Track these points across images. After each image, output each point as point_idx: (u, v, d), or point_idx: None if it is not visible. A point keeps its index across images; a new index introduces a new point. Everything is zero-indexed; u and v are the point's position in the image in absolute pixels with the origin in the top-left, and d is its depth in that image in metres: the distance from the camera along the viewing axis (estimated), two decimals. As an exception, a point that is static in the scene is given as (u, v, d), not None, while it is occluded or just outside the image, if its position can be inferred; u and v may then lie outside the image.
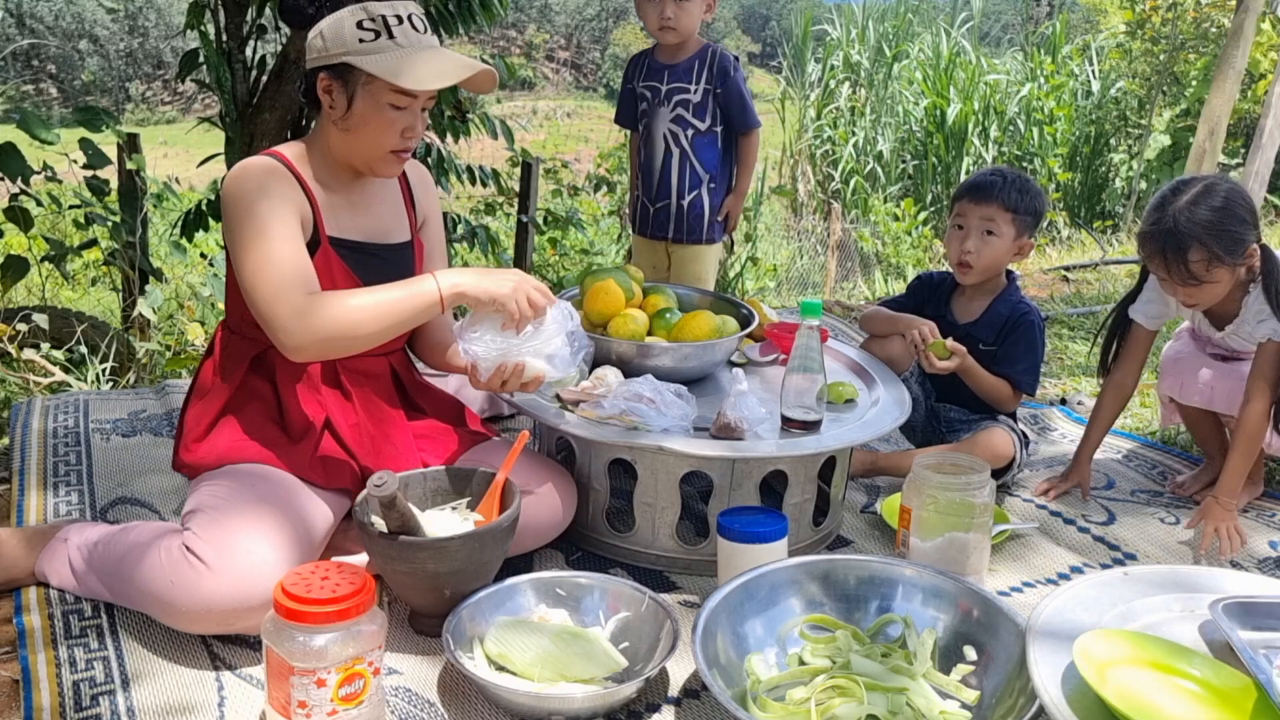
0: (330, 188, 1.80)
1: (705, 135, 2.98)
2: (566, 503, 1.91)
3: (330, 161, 1.79)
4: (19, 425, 2.41)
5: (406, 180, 1.96)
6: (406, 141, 1.75)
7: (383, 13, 1.68)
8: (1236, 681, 1.44)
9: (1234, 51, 6.58)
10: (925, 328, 2.24)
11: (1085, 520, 2.25)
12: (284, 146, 1.81)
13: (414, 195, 1.96)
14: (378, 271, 1.81)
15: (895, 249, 8.57)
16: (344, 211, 1.81)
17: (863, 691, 1.45)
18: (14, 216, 3.37)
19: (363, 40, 1.67)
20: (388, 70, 1.66)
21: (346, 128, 1.74)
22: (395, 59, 1.67)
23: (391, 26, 1.68)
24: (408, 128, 1.73)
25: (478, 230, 4.51)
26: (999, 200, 2.28)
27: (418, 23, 1.72)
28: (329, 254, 1.77)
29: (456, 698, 1.53)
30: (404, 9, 1.70)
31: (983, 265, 2.31)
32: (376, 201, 1.87)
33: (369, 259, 1.82)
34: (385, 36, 1.68)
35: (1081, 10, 15.08)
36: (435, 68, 1.69)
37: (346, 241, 1.80)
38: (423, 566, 1.57)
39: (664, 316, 2.20)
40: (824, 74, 12.69)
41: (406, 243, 1.92)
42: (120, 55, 24.75)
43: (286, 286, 1.62)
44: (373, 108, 1.70)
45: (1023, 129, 11.23)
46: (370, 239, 1.85)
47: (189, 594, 1.52)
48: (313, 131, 1.82)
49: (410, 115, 1.73)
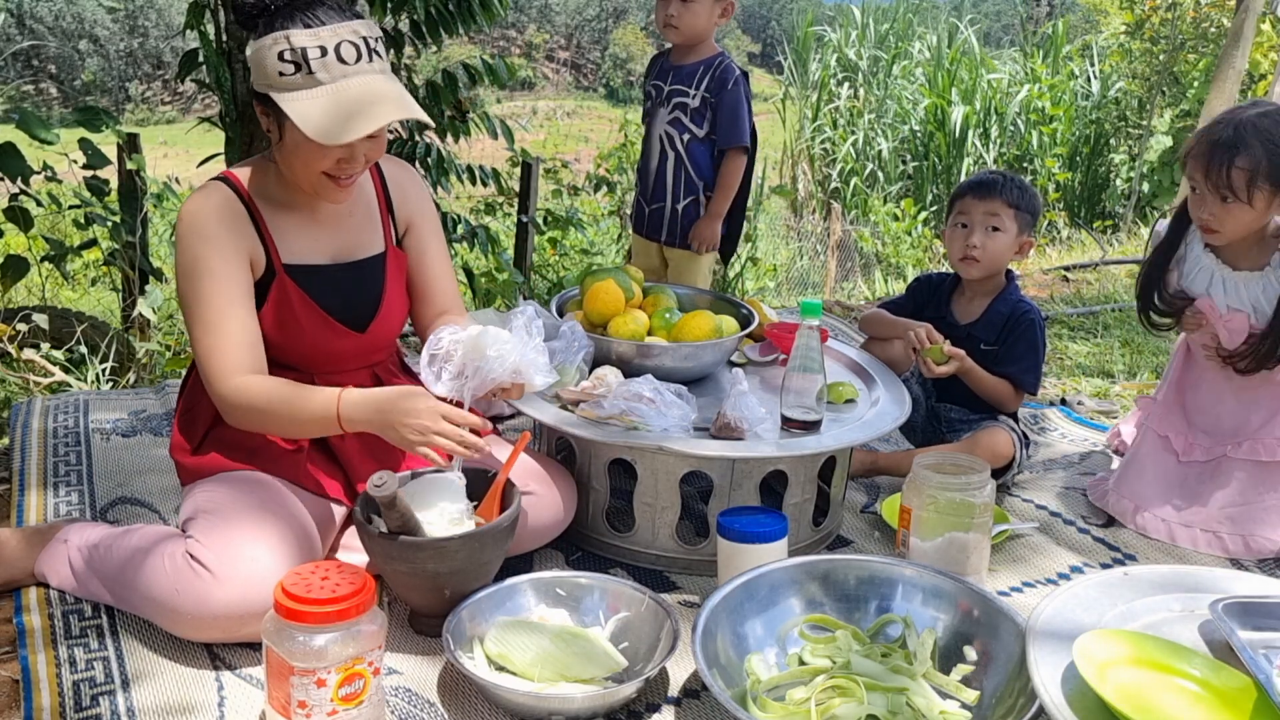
0: (288, 206, 1.74)
1: (702, 142, 2.95)
2: (567, 503, 1.90)
3: (286, 179, 1.72)
4: (19, 425, 2.41)
5: (383, 186, 1.87)
6: (342, 169, 1.65)
7: (303, 44, 1.55)
8: (1236, 681, 1.44)
9: (1234, 51, 6.57)
10: (923, 330, 2.24)
11: (1085, 520, 2.24)
12: (242, 167, 1.75)
13: (391, 202, 1.87)
14: (340, 293, 1.77)
15: (895, 249, 8.57)
16: (303, 232, 1.75)
17: (863, 691, 1.45)
18: (14, 216, 3.37)
19: (282, 74, 1.57)
20: (300, 116, 1.55)
21: (281, 155, 1.68)
22: (311, 100, 1.56)
23: (311, 61, 1.55)
24: (342, 159, 1.63)
25: (478, 230, 4.51)
26: (1002, 196, 2.29)
27: (347, 52, 1.57)
28: (284, 283, 1.72)
29: (456, 698, 1.52)
30: (331, 37, 1.57)
31: (988, 260, 2.31)
32: (344, 214, 1.80)
33: (332, 281, 1.77)
34: (304, 72, 1.56)
35: (1081, 10, 15.07)
36: (356, 114, 1.56)
37: (303, 267, 1.74)
38: (423, 566, 1.57)
39: (664, 316, 2.20)
40: (823, 74, 12.69)
41: (377, 255, 1.84)
42: (120, 55, 24.75)
43: (221, 365, 1.63)
44: (301, 141, 1.60)
45: (1023, 129, 11.23)
46: (333, 259, 1.78)
47: (194, 602, 1.52)
48: (273, 147, 1.72)
49: (344, 148, 1.61)
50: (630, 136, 6.85)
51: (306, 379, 1.76)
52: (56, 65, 24.17)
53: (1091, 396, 3.30)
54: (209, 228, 1.65)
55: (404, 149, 4.08)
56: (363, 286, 1.82)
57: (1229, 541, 2.10)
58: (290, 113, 1.57)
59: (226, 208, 1.68)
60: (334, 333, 1.77)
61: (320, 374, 1.79)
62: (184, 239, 1.66)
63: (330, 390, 1.63)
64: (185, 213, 1.67)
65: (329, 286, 1.77)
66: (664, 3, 2.87)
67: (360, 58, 1.59)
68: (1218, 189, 1.97)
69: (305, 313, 1.74)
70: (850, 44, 12.84)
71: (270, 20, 1.59)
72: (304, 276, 1.74)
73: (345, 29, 1.58)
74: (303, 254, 1.75)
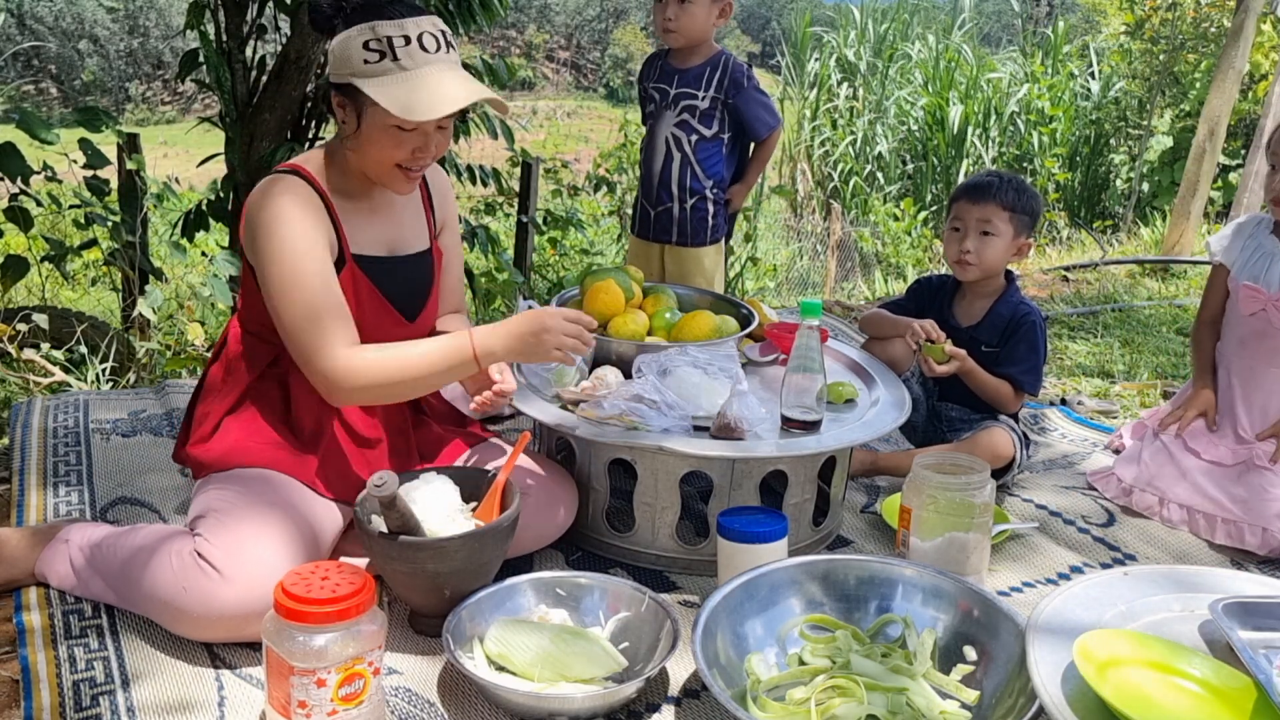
0: (352, 196, 1.80)
1: (710, 141, 2.97)
2: (568, 505, 1.91)
3: (350, 171, 1.79)
4: (19, 425, 2.41)
5: (426, 186, 1.96)
6: (416, 160, 1.73)
7: (389, 33, 1.64)
8: (1236, 681, 1.44)
9: (1234, 51, 6.57)
10: (927, 323, 2.25)
11: (1085, 520, 2.25)
12: (305, 158, 1.80)
13: (433, 201, 1.96)
14: (401, 283, 1.84)
15: (895, 249, 8.57)
16: (366, 223, 1.81)
17: (863, 691, 1.45)
18: (14, 216, 3.37)
19: (367, 62, 1.64)
20: (386, 97, 1.62)
21: (356, 145, 1.73)
22: (396, 84, 1.63)
23: (396, 48, 1.64)
24: (418, 148, 1.71)
25: (478, 230, 4.51)
26: (996, 200, 2.29)
27: (429, 41, 1.66)
28: (355, 273, 1.77)
29: (456, 698, 1.52)
30: (414, 27, 1.65)
31: (983, 264, 2.32)
32: (398, 208, 1.87)
33: (392, 272, 1.83)
34: (389, 59, 1.64)
35: (1081, 10, 15.07)
36: (436, 95, 1.64)
37: (370, 258, 1.81)
38: (423, 566, 1.57)
39: (664, 316, 2.20)
40: (822, 73, 12.69)
41: (426, 250, 1.92)
42: (120, 55, 24.75)
43: (330, 341, 1.65)
44: (380, 129, 1.68)
45: (1022, 129, 11.23)
46: (393, 251, 1.85)
47: (201, 601, 1.52)
48: (335, 139, 1.80)
49: (419, 136, 1.69)
50: (630, 136, 6.84)
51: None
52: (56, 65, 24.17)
53: (1091, 396, 3.30)
54: (298, 213, 1.69)
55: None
56: (416, 278, 1.89)
57: (1248, 534, 2.12)
58: (376, 96, 1.63)
59: (307, 197, 1.72)
60: (391, 320, 1.84)
61: None
62: (271, 226, 1.67)
63: (457, 334, 1.71)
64: (269, 203, 1.69)
65: (388, 277, 1.83)
66: (661, 6, 2.87)
67: (439, 48, 1.68)
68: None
69: (370, 300, 1.80)
70: (849, 44, 12.84)
71: (349, 17, 1.67)
72: (370, 266, 1.80)
73: (426, 21, 1.68)
74: (367, 245, 1.81)
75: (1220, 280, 2.39)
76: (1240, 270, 2.30)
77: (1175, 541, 2.17)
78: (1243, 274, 2.29)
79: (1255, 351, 2.29)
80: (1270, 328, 2.24)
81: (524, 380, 2.05)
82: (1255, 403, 2.27)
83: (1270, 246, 2.27)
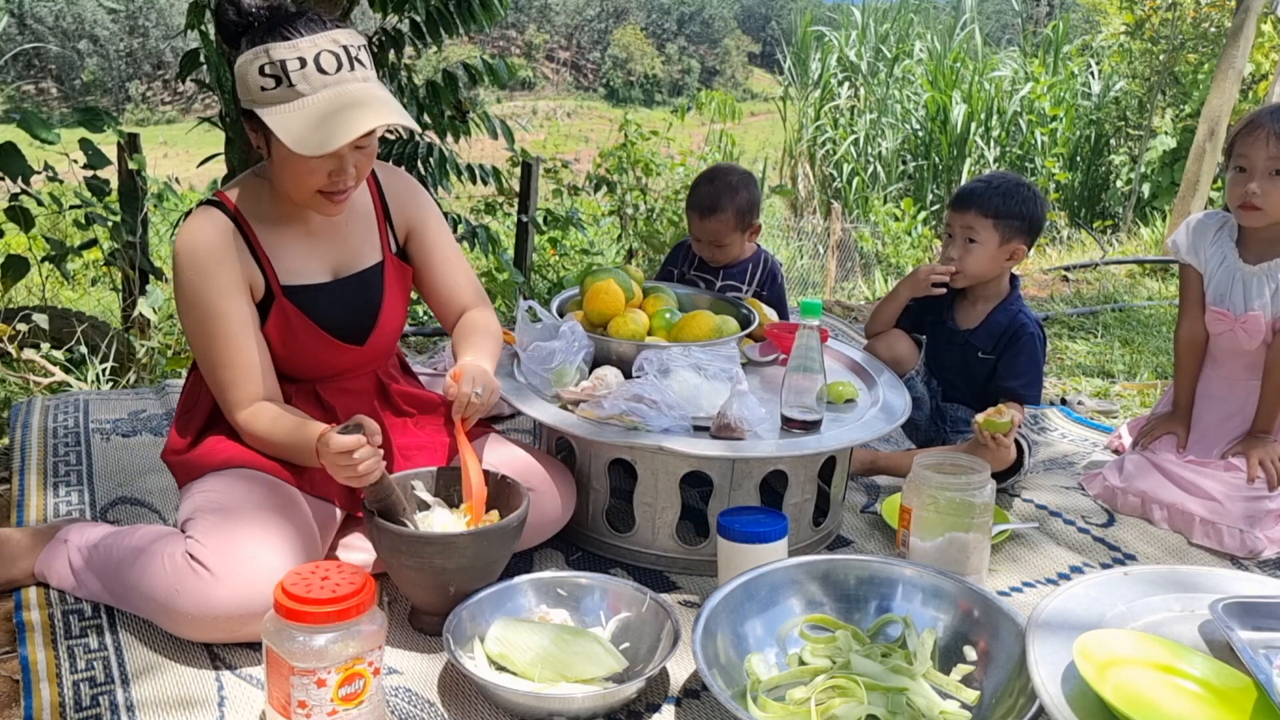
0: (283, 222, 1.73)
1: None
2: (565, 498, 1.91)
3: (281, 195, 1.70)
4: (19, 425, 2.41)
5: (380, 194, 1.85)
6: (335, 184, 1.63)
7: (282, 56, 1.53)
8: (1236, 681, 1.44)
9: (1234, 51, 6.58)
10: (922, 270, 2.33)
11: (1085, 520, 2.24)
12: (234, 186, 1.74)
13: (389, 209, 1.86)
14: (339, 308, 1.78)
15: (895, 249, 8.58)
16: (299, 249, 1.75)
17: (863, 691, 1.45)
18: (14, 216, 3.37)
19: (264, 89, 1.55)
20: (281, 129, 1.53)
21: (273, 170, 1.66)
22: (292, 113, 1.54)
23: (291, 73, 1.53)
24: (333, 171, 1.61)
25: (478, 230, 4.51)
26: (976, 208, 2.30)
27: (327, 61, 1.55)
28: (284, 306, 1.72)
29: (456, 698, 1.53)
30: (310, 48, 1.54)
31: (966, 271, 2.33)
32: (341, 227, 1.79)
33: (328, 298, 1.77)
34: (285, 84, 1.54)
35: (1082, 10, 15.08)
36: (334, 124, 1.53)
37: (304, 287, 1.74)
38: (430, 561, 1.57)
39: (664, 316, 2.20)
40: (824, 73, 12.69)
41: (375, 266, 1.83)
42: (120, 55, 24.76)
43: (231, 398, 1.68)
44: (289, 157, 1.58)
45: (1024, 129, 11.23)
46: (337, 273, 1.79)
47: (195, 602, 1.52)
48: (265, 162, 1.70)
49: (333, 160, 1.59)
50: (630, 136, 6.84)
51: (309, 388, 1.80)
52: (57, 65, 24.18)
53: (1091, 396, 3.31)
54: (206, 263, 1.64)
55: (405, 149, 4.08)
56: (361, 299, 1.82)
57: (1245, 538, 2.11)
58: (272, 126, 1.54)
59: (220, 238, 1.66)
60: (334, 349, 1.79)
61: (323, 383, 1.82)
62: (182, 274, 1.66)
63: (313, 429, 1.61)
64: (180, 246, 1.66)
65: (328, 303, 1.77)
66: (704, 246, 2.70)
67: (341, 67, 1.57)
68: (1272, 158, 2.03)
69: (305, 332, 1.75)
70: (850, 44, 12.84)
71: (253, 37, 1.57)
72: (302, 296, 1.74)
73: (324, 39, 1.56)
74: (300, 273, 1.75)
75: (1193, 283, 2.32)
76: (1207, 285, 2.27)
77: (1175, 542, 2.17)
78: (1209, 292, 2.27)
79: (1231, 365, 2.29)
80: (1238, 345, 2.24)
81: (523, 380, 2.05)
82: (1227, 412, 2.29)
83: (1233, 263, 2.23)
